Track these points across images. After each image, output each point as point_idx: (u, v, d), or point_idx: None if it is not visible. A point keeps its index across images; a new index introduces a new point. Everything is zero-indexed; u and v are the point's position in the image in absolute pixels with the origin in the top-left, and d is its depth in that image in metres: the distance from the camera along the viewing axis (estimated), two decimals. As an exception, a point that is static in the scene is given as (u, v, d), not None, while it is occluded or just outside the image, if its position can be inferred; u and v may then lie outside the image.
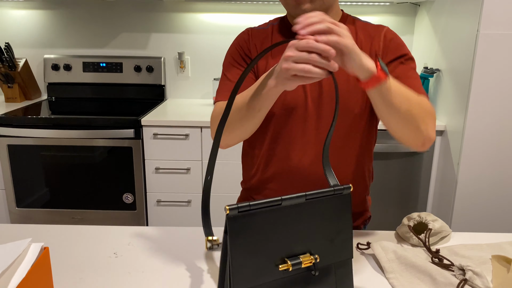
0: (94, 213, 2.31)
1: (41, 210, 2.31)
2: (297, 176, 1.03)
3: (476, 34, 1.85)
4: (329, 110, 0.99)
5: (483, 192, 2.04)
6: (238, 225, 0.62)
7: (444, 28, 2.19)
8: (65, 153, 2.21)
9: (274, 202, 0.65)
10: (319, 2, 0.94)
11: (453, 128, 2.06)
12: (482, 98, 1.91)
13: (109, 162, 2.23)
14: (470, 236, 1.02)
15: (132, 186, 2.26)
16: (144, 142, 2.21)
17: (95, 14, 2.68)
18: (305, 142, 1.01)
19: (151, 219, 2.34)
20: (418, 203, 2.29)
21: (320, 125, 1.00)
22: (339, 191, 0.72)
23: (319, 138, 1.00)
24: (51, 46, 2.74)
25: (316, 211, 0.70)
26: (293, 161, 1.02)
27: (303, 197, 0.68)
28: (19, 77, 2.54)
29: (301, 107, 0.99)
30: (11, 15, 2.69)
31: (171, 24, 2.68)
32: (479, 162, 2.00)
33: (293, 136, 1.01)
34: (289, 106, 0.99)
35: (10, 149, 2.21)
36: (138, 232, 1.02)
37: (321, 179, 1.02)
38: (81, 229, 1.04)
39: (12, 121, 2.18)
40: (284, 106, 0.99)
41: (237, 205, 0.61)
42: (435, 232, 0.97)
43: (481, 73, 1.88)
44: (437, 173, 2.24)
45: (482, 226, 2.08)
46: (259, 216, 0.64)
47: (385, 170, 2.23)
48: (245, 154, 1.12)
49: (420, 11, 2.53)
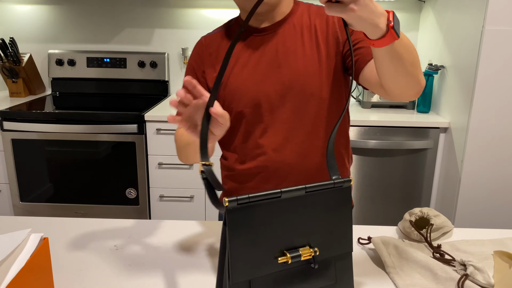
0: (97, 208, 2.32)
1: (44, 205, 2.32)
2: (274, 171, 1.02)
3: (481, 31, 1.84)
4: (294, 100, 0.98)
5: (487, 189, 2.03)
6: (237, 217, 0.62)
7: (449, 24, 2.17)
8: (69, 147, 2.22)
9: (274, 194, 0.65)
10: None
11: (457, 125, 2.05)
12: (487, 95, 1.90)
13: (113, 157, 2.23)
14: (472, 232, 1.01)
15: (135, 181, 2.26)
16: (147, 137, 2.22)
17: (99, 10, 2.68)
18: (276, 135, 1.00)
19: (153, 214, 2.35)
20: (422, 199, 2.28)
21: (287, 116, 0.99)
22: (339, 184, 0.71)
23: (287, 129, 1.00)
24: (56, 41, 2.74)
25: (316, 204, 0.69)
26: (268, 156, 1.01)
27: (303, 190, 0.67)
28: (24, 72, 2.55)
29: (265, 101, 0.99)
30: (16, 10, 2.70)
31: (175, 19, 2.67)
32: (483, 159, 1.98)
33: (262, 130, 1.01)
34: (253, 103, 0.99)
35: (14, 144, 2.22)
36: (139, 225, 1.02)
37: (297, 171, 1.02)
38: (82, 222, 1.04)
39: (16, 115, 2.19)
40: (248, 104, 0.99)
41: (236, 197, 0.61)
42: (437, 227, 0.96)
43: (486, 70, 1.86)
44: (441, 169, 2.23)
45: (485, 222, 2.07)
46: (258, 208, 0.64)
47: (389, 167, 2.22)
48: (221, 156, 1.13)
49: (425, 7, 2.51)
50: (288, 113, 0.99)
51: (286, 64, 0.97)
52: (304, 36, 0.98)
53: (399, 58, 0.76)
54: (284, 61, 0.97)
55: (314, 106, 0.98)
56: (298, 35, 0.98)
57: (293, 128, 0.99)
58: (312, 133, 1.00)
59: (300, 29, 0.98)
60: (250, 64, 0.99)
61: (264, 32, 0.99)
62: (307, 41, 0.97)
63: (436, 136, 2.16)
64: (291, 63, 0.97)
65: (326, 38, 0.97)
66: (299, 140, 1.00)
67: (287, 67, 0.97)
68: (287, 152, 1.00)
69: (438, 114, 2.30)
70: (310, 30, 0.98)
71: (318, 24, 0.98)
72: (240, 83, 0.99)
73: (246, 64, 0.99)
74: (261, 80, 0.98)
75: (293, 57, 0.97)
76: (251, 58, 0.99)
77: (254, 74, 0.98)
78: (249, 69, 0.99)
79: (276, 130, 1.00)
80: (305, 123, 0.99)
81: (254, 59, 0.99)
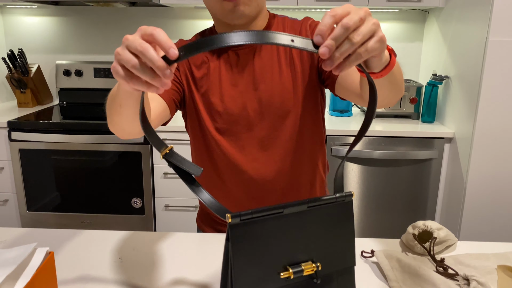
0: (103, 217, 2.33)
1: (51, 214, 2.34)
2: (255, 188, 1.02)
3: (485, 41, 1.84)
4: (271, 117, 0.98)
5: (493, 200, 2.02)
6: (240, 232, 0.63)
7: (453, 34, 2.18)
8: (75, 157, 2.24)
9: (276, 209, 0.65)
10: (255, 3, 0.92)
11: (462, 135, 2.05)
12: (491, 105, 1.90)
13: (119, 166, 2.25)
14: (477, 246, 1.01)
15: (140, 191, 2.28)
16: (153, 147, 2.23)
17: (107, 21, 2.72)
18: (253, 153, 1.00)
19: (159, 223, 2.35)
20: (427, 210, 2.27)
21: (265, 133, 0.99)
22: (341, 198, 0.72)
23: (265, 146, 1.00)
24: (63, 52, 2.78)
25: (318, 219, 0.70)
26: (247, 174, 1.01)
27: (305, 205, 0.68)
28: (32, 83, 2.58)
29: (243, 118, 0.98)
30: (25, 22, 2.74)
31: (181, 31, 2.70)
32: (488, 169, 1.98)
33: (239, 148, 1.00)
34: (230, 119, 0.98)
35: (22, 153, 2.24)
36: (143, 237, 1.03)
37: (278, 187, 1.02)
38: (87, 234, 1.05)
39: (24, 125, 2.22)
40: (225, 121, 0.99)
41: (239, 213, 0.62)
42: (440, 240, 0.96)
43: (490, 80, 1.87)
44: (445, 180, 2.22)
45: (491, 233, 2.06)
46: (261, 223, 0.64)
47: (393, 177, 2.22)
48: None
49: (429, 18, 2.52)
50: (266, 130, 0.99)
51: (263, 82, 0.97)
52: (280, 52, 0.97)
53: (395, 77, 0.76)
54: (261, 79, 0.97)
55: (291, 121, 0.99)
56: (274, 51, 0.98)
57: (270, 145, 1.00)
58: (296, 151, 1.01)
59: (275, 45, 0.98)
60: (228, 81, 0.98)
61: (241, 46, 0.98)
62: (282, 58, 0.97)
63: (441, 146, 2.16)
64: (268, 81, 0.97)
65: (300, 53, 0.97)
66: (278, 157, 1.00)
67: (264, 85, 0.97)
68: (267, 169, 1.01)
69: (443, 124, 2.29)
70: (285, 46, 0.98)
71: None
72: (217, 99, 0.98)
73: (223, 80, 0.98)
74: (239, 97, 0.97)
75: (269, 75, 0.97)
76: (229, 75, 0.98)
77: (231, 91, 0.98)
78: (227, 85, 0.98)
79: (253, 147, 1.00)
80: (283, 139, 0.99)
81: (232, 76, 0.98)
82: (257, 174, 1.01)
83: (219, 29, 1.00)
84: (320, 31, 0.53)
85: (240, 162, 1.00)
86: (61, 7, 2.71)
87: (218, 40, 0.54)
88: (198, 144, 1.05)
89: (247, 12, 0.91)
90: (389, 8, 2.44)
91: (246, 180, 1.01)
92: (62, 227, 2.36)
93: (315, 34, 0.53)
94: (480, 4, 1.88)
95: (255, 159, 1.00)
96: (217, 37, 0.54)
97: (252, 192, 1.02)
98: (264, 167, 1.01)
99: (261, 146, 1.00)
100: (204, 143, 1.03)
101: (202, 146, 1.03)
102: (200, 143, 1.04)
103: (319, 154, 1.06)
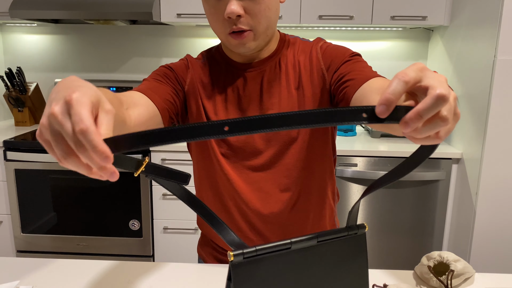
0: (99, 240, 2.26)
1: (46, 236, 2.26)
2: (255, 219, 0.96)
3: (493, 60, 1.80)
4: (277, 144, 0.93)
5: (504, 224, 1.95)
6: (244, 272, 0.56)
7: (459, 53, 2.14)
8: (72, 178, 2.18)
9: (283, 245, 0.59)
10: (263, 37, 0.86)
11: (470, 156, 1.99)
12: (501, 125, 1.84)
13: (116, 187, 2.19)
14: (496, 278, 0.94)
15: (138, 212, 2.21)
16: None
17: (106, 39, 2.69)
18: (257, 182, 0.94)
19: (157, 246, 2.28)
20: (434, 233, 2.19)
21: (270, 162, 0.93)
22: (353, 231, 0.66)
23: (270, 175, 0.94)
24: (62, 70, 2.75)
25: (329, 254, 0.64)
26: (249, 204, 0.95)
27: (315, 239, 0.62)
28: (30, 101, 2.54)
29: (249, 145, 0.93)
30: (24, 40, 2.71)
31: (181, 49, 2.67)
32: (498, 191, 1.91)
33: (242, 176, 0.94)
34: (235, 145, 0.93)
35: (17, 174, 2.19)
36: (139, 268, 0.96)
37: (280, 219, 0.96)
38: (78, 264, 0.98)
39: (20, 145, 2.16)
40: (230, 146, 0.93)
41: (242, 251, 0.56)
42: (458, 273, 0.89)
43: (499, 100, 1.82)
44: (453, 203, 2.15)
45: (504, 262, 1.98)
46: (266, 261, 0.58)
47: (399, 199, 2.15)
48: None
49: (434, 36, 2.49)
50: (272, 157, 0.93)
51: (271, 108, 0.92)
52: (289, 76, 0.92)
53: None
54: (269, 105, 0.92)
55: (298, 148, 0.93)
56: (283, 75, 0.92)
57: (276, 173, 0.94)
58: (298, 176, 0.95)
59: (285, 68, 0.93)
60: (234, 105, 0.93)
61: (249, 69, 0.93)
62: (291, 80, 0.92)
63: (449, 167, 2.10)
64: (275, 106, 0.91)
65: (311, 76, 0.91)
66: (284, 186, 0.95)
67: (272, 111, 0.91)
68: (272, 199, 0.95)
69: (450, 144, 2.24)
70: (294, 69, 0.92)
71: (302, 61, 0.92)
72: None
73: (230, 104, 0.93)
74: None
75: (277, 100, 0.91)
76: (235, 99, 0.93)
77: (238, 116, 0.92)
78: (233, 110, 0.93)
79: (259, 175, 0.94)
80: (289, 167, 0.94)
81: (239, 100, 0.93)
82: (262, 204, 0.95)
83: (227, 51, 0.95)
84: (387, 100, 0.43)
85: (244, 190, 0.94)
86: (61, 25, 2.69)
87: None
88: (201, 168, 0.99)
89: (253, 47, 0.87)
90: (393, 26, 2.42)
91: (250, 210, 0.95)
92: (57, 249, 2.28)
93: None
94: (487, 22, 1.84)
95: (259, 188, 0.94)
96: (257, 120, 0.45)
97: (256, 223, 0.96)
98: (269, 196, 0.95)
99: (266, 174, 0.94)
100: (208, 167, 0.97)
101: (206, 170, 0.98)
102: (204, 167, 0.98)
103: (328, 182, 1.00)
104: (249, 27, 0.83)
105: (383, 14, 2.21)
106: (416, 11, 2.20)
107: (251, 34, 0.84)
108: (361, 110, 0.45)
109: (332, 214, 1.05)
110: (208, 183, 0.98)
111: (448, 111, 0.44)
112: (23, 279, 0.90)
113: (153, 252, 2.28)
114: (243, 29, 0.82)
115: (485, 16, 1.86)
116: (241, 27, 0.82)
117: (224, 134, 0.45)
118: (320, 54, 0.92)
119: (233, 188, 0.95)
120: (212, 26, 0.87)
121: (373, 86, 0.74)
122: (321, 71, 0.91)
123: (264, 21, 0.84)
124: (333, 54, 0.90)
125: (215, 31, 0.88)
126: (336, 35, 2.62)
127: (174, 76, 0.93)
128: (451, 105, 0.44)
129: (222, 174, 0.95)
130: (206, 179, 0.98)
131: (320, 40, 0.96)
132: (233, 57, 0.94)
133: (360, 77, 0.80)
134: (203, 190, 1.00)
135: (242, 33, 0.83)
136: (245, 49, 0.86)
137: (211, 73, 0.95)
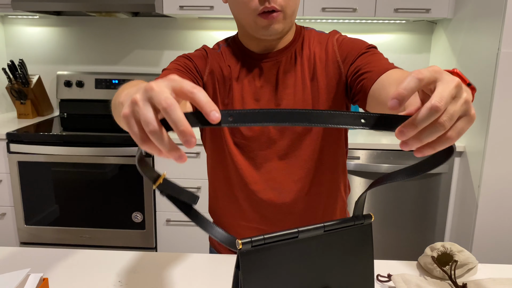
0: (102, 232, 2.27)
1: (49, 228, 2.28)
2: (266, 209, 0.97)
3: (497, 53, 1.79)
4: (291, 135, 0.93)
5: (506, 217, 1.95)
6: (252, 260, 0.57)
7: (462, 46, 2.13)
8: (75, 170, 2.19)
9: (290, 234, 0.60)
10: (289, 20, 0.88)
11: (473, 149, 1.99)
12: (504, 118, 1.84)
13: (119, 180, 2.19)
14: (498, 269, 0.95)
15: (141, 205, 2.22)
16: (154, 160, 2.18)
17: (108, 32, 2.69)
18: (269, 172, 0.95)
19: (160, 238, 2.29)
20: (436, 227, 2.20)
21: (283, 152, 0.94)
22: (359, 221, 0.66)
23: (283, 165, 0.95)
24: (64, 62, 2.74)
25: (335, 243, 0.64)
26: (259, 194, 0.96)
27: (321, 229, 0.63)
28: (32, 94, 2.54)
29: (263, 135, 0.94)
30: (26, 32, 2.71)
31: (184, 41, 2.67)
32: (501, 185, 1.92)
33: (254, 166, 0.95)
34: (250, 135, 0.94)
35: (20, 166, 2.19)
36: (145, 258, 0.97)
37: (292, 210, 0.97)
38: (84, 254, 0.99)
39: (23, 137, 2.17)
40: (245, 136, 0.94)
41: (250, 239, 0.56)
42: (461, 264, 0.90)
43: (502, 93, 1.82)
44: (455, 196, 2.16)
45: (506, 254, 1.99)
46: (274, 250, 0.59)
47: (402, 192, 2.16)
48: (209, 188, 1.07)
49: (437, 29, 2.49)
50: (285, 148, 0.94)
51: (286, 98, 0.93)
52: (304, 67, 0.93)
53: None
54: (284, 95, 0.93)
55: (312, 139, 0.94)
56: (298, 66, 0.93)
57: (290, 164, 0.95)
58: (316, 169, 0.96)
59: (300, 59, 0.94)
60: (250, 95, 0.94)
61: (265, 59, 0.94)
62: (306, 72, 0.93)
63: (451, 160, 2.11)
64: (290, 97, 0.93)
65: (326, 68, 0.92)
66: (297, 177, 0.95)
67: (286, 101, 0.93)
68: (285, 189, 0.96)
69: (452, 137, 2.24)
70: (309, 60, 0.93)
71: (317, 53, 0.93)
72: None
73: (246, 94, 0.94)
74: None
75: (292, 90, 0.92)
76: (251, 89, 0.94)
77: (253, 106, 0.94)
78: (249, 100, 0.94)
79: (271, 165, 0.95)
80: (303, 158, 0.95)
81: (255, 90, 0.94)
82: (273, 194, 0.96)
83: (244, 41, 0.96)
84: (399, 95, 0.43)
85: (255, 180, 0.95)
86: (63, 17, 2.68)
87: (288, 116, 0.47)
88: (214, 157, 1.00)
89: (280, 30, 0.87)
90: (396, 19, 2.41)
91: (260, 200, 0.96)
92: (60, 241, 2.30)
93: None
94: (491, 15, 1.84)
95: (272, 178, 0.95)
96: (288, 114, 0.47)
97: (267, 213, 0.97)
98: (281, 187, 0.95)
99: (279, 164, 0.95)
100: (221, 158, 0.98)
101: (219, 162, 0.99)
102: (216, 156, 0.99)
103: (341, 175, 1.01)
104: (280, 7, 0.85)
105: (387, 7, 2.20)
106: (420, 3, 2.19)
107: (280, 15, 0.85)
108: (359, 116, 0.47)
109: (344, 206, 1.06)
110: (221, 174, 0.99)
111: (448, 118, 0.43)
112: (33, 268, 0.91)
113: (155, 245, 2.29)
114: (275, 9, 0.84)
115: (489, 9, 1.86)
116: (274, 6, 0.84)
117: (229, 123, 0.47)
118: (336, 46, 0.92)
119: (244, 179, 0.96)
120: (238, 8, 0.87)
121: (391, 78, 0.75)
122: (337, 63, 0.92)
123: (292, 3, 0.86)
124: (349, 47, 0.91)
125: (240, 14, 0.88)
126: (339, 28, 2.61)
127: (194, 66, 0.94)
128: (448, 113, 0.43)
129: (233, 165, 0.96)
130: (220, 171, 0.99)
131: (336, 33, 0.96)
132: (251, 47, 0.94)
133: (377, 69, 0.80)
134: (216, 181, 1.02)
135: (272, 13, 0.84)
136: (271, 31, 0.86)
137: (227, 63, 0.96)
